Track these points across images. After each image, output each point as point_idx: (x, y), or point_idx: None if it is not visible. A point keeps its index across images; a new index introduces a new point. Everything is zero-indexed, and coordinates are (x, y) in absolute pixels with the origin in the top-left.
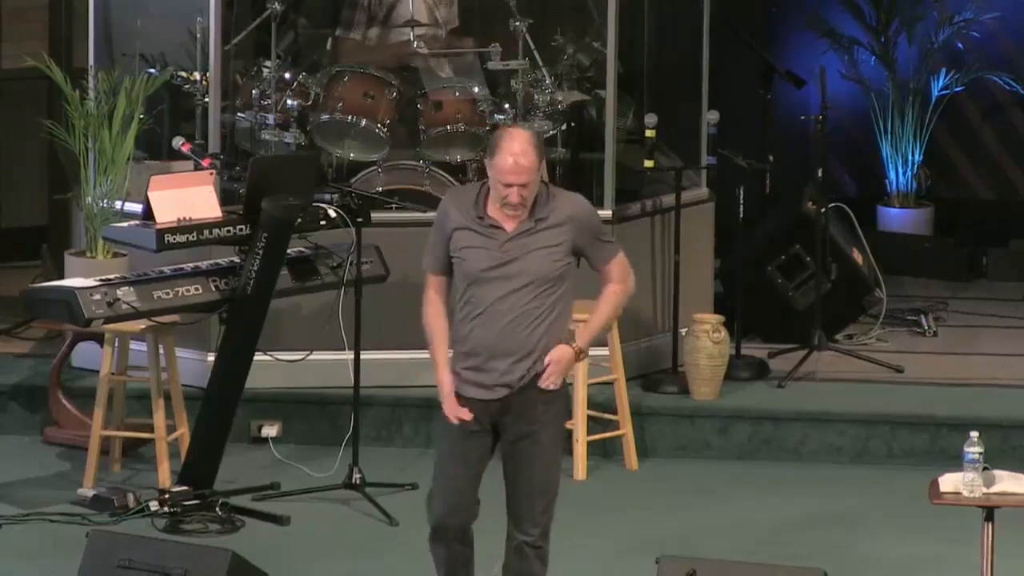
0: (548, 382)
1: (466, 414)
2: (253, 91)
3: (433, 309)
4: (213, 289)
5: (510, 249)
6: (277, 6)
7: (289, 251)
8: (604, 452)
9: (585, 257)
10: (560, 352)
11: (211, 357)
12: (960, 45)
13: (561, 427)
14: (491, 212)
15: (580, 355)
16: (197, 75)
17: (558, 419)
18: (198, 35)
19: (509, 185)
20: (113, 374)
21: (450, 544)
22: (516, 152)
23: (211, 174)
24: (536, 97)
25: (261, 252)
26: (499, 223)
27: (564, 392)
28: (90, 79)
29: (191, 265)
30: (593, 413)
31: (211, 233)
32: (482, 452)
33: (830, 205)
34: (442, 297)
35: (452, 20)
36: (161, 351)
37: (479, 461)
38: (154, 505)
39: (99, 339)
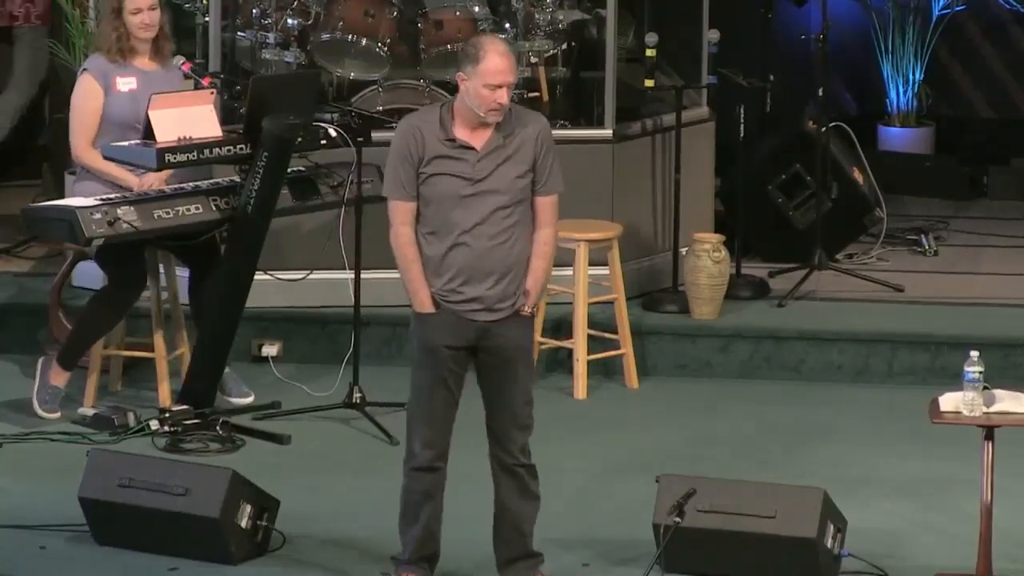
0: (527, 310)
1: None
2: (253, 10)
3: (406, 239)
4: (213, 208)
5: (482, 168)
6: None
7: (289, 170)
8: (605, 371)
9: (532, 179)
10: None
11: None
12: None
13: (532, 346)
14: (459, 134)
15: (534, 313)
16: None
17: (530, 339)
18: None
19: (499, 86)
20: None
21: (432, 467)
22: (503, 51)
23: (211, 93)
24: (537, 16)
25: (261, 171)
26: (469, 143)
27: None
28: None
29: (191, 184)
30: (593, 332)
31: (211, 152)
32: (460, 377)
33: (831, 124)
34: (412, 228)
35: None
36: (162, 270)
37: (458, 387)
38: (154, 424)
39: None
